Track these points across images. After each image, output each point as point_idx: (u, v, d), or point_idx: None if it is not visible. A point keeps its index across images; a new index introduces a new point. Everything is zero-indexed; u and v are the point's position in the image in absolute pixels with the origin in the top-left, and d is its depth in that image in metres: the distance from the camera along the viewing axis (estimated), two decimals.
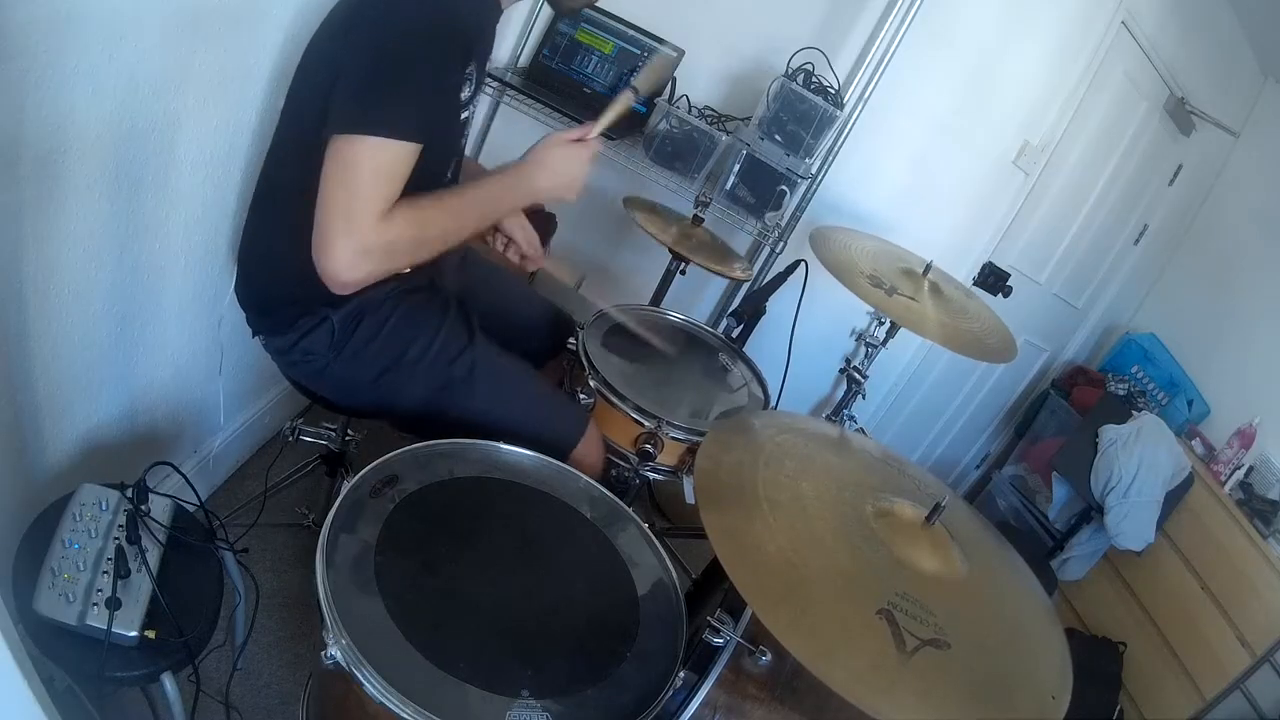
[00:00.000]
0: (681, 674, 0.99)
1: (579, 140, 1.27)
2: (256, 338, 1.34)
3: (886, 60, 2.02)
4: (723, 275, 2.08)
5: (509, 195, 1.27)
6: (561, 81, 2.20)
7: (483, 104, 2.31)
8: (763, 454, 1.12)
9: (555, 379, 1.69)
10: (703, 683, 0.98)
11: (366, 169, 1.03)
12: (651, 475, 1.53)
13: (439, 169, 1.25)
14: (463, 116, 1.24)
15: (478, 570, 1.05)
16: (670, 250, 1.95)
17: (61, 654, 0.93)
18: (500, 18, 1.27)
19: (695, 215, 1.98)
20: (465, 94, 1.19)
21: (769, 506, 1.01)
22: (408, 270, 1.21)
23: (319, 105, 1.07)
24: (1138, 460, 2.49)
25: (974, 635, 0.96)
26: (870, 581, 0.95)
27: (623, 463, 1.51)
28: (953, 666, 0.90)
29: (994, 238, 2.56)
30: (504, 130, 2.37)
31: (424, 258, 1.15)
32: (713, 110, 2.18)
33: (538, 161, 1.25)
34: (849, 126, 2.06)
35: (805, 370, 2.09)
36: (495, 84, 2.18)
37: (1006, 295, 2.48)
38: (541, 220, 2.10)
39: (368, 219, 1.03)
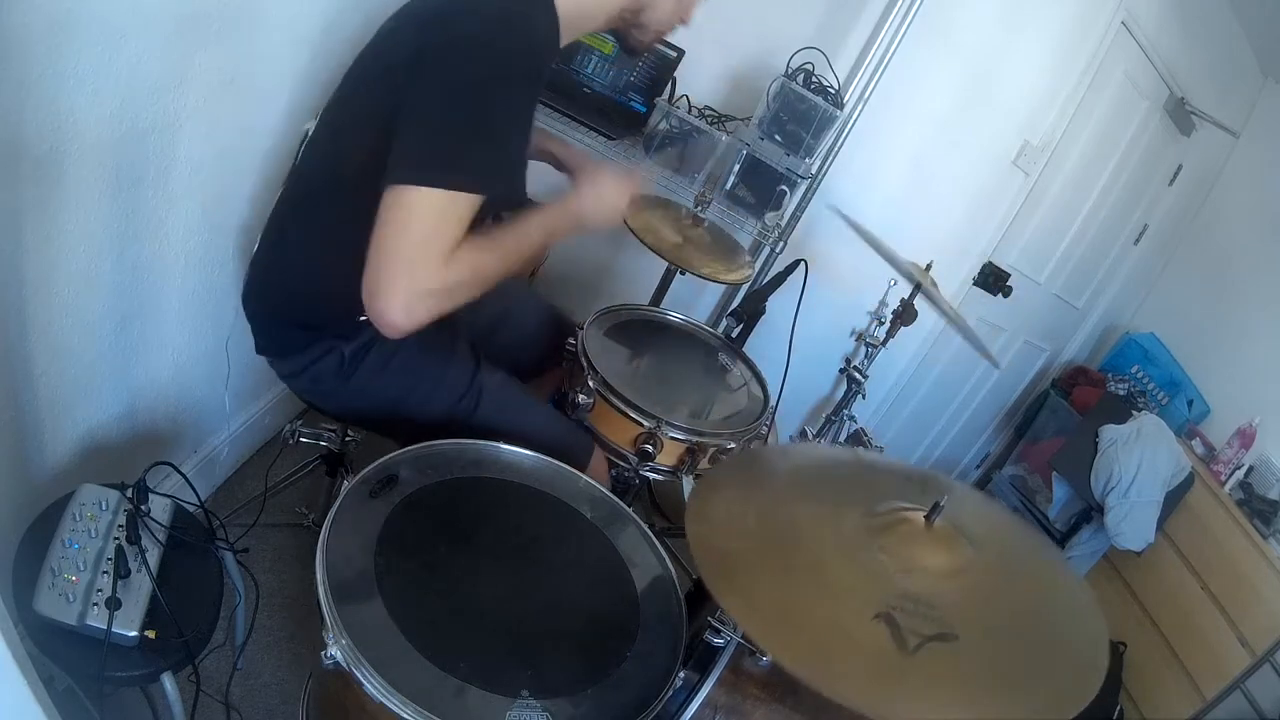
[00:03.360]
0: (682, 674, 0.99)
1: (626, 174, 1.30)
2: (262, 356, 1.33)
3: (886, 60, 2.02)
4: (719, 281, 2.07)
5: (560, 227, 1.25)
6: (561, 81, 2.19)
7: None
8: (758, 490, 1.12)
9: (556, 384, 1.69)
10: (703, 683, 0.98)
11: (433, 219, 1.00)
12: (651, 475, 1.53)
13: (506, 205, 1.22)
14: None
15: (478, 570, 1.05)
16: (667, 260, 1.94)
17: (61, 654, 0.94)
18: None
19: (695, 214, 1.98)
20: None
21: (767, 542, 1.00)
22: None
23: (373, 135, 1.03)
24: (1138, 460, 2.49)
25: (988, 623, 0.95)
26: (868, 591, 0.94)
27: (622, 463, 1.51)
28: (963, 657, 0.89)
29: (994, 238, 2.56)
30: None
31: (475, 298, 1.13)
32: (713, 110, 2.18)
33: (589, 193, 1.27)
34: (849, 126, 2.06)
35: (805, 370, 2.09)
36: None
37: (1006, 295, 2.49)
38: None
39: (431, 268, 1.01)
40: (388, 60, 1.10)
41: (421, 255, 1.00)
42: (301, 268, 1.22)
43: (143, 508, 1.06)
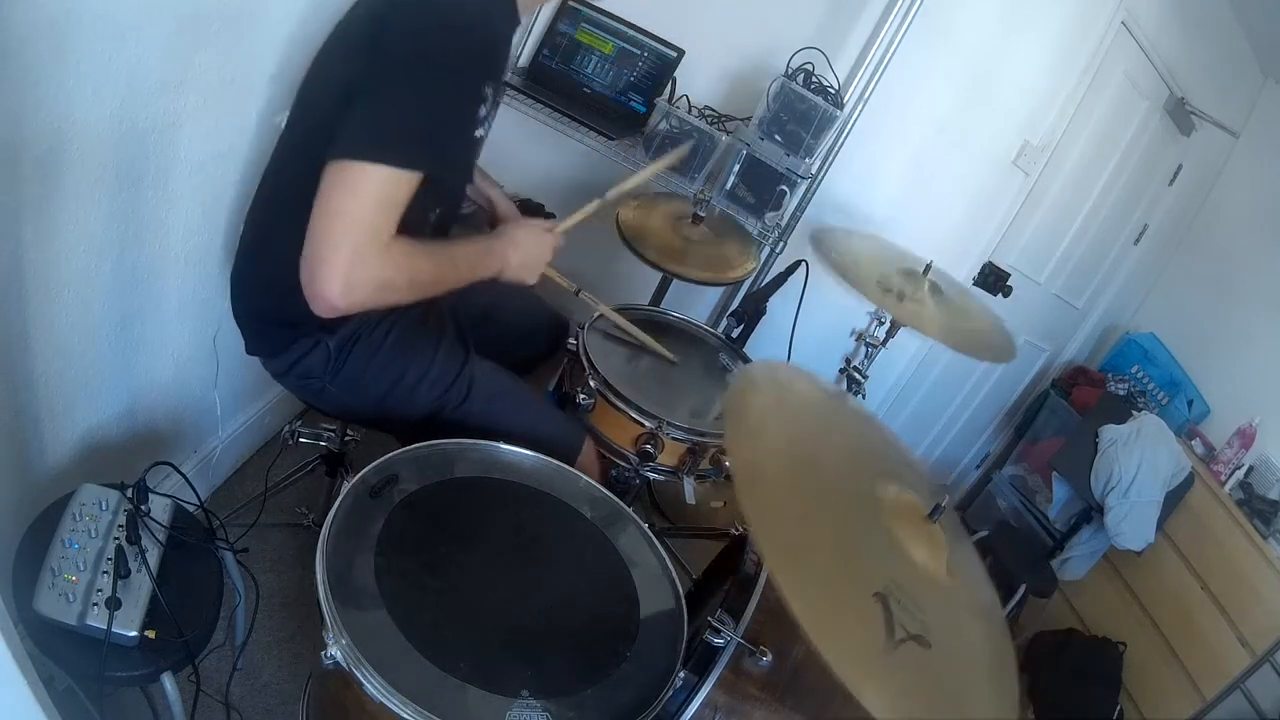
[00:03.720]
0: (681, 674, 0.99)
1: (547, 231, 1.34)
2: (253, 357, 1.33)
3: (886, 60, 2.02)
4: (715, 283, 2.07)
5: (486, 262, 1.28)
6: (561, 82, 2.20)
7: None
8: (789, 405, 1.12)
9: (553, 378, 1.69)
10: (703, 683, 0.98)
11: (373, 198, 1.01)
12: (651, 475, 1.53)
13: (453, 192, 1.24)
14: (478, 134, 1.21)
15: (478, 570, 1.05)
16: (663, 271, 1.94)
17: (61, 654, 0.94)
18: (518, 28, 1.27)
19: (694, 214, 1.98)
20: (483, 112, 1.17)
21: (793, 461, 1.01)
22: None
23: (330, 123, 1.04)
24: (1138, 460, 2.49)
25: (950, 642, 0.95)
26: (870, 562, 0.95)
27: (623, 463, 1.51)
28: (930, 668, 0.89)
29: (994, 238, 2.56)
30: (503, 130, 2.36)
31: (407, 300, 1.15)
32: (713, 110, 2.18)
33: (512, 239, 1.30)
34: (849, 126, 2.06)
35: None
36: None
37: (1006, 295, 2.48)
38: (540, 219, 2.10)
39: (369, 248, 1.02)
40: (342, 53, 1.12)
41: (363, 232, 1.01)
42: (279, 262, 1.21)
43: (143, 508, 1.06)
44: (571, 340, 1.59)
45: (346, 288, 1.02)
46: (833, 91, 2.03)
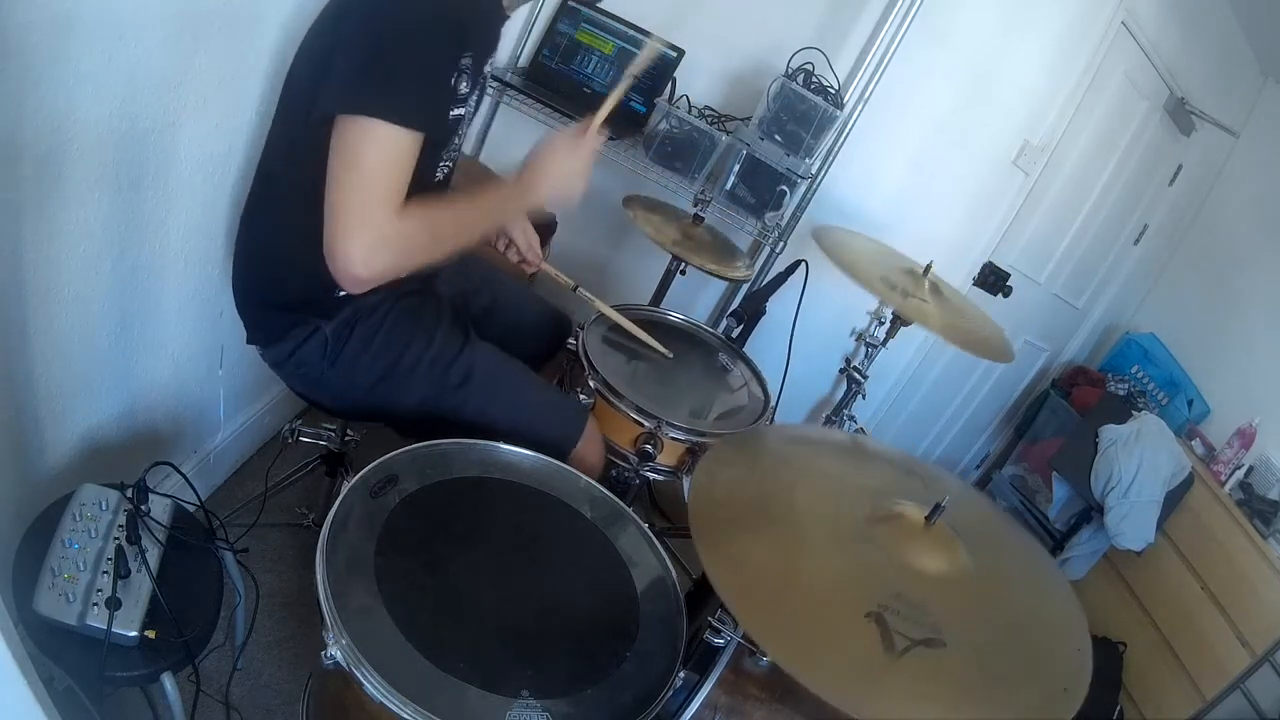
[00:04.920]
0: (681, 674, 0.99)
1: (578, 137, 1.24)
2: (252, 346, 1.34)
3: (886, 60, 2.02)
4: (721, 277, 2.08)
5: (513, 202, 1.25)
6: (561, 81, 2.20)
7: (483, 104, 2.31)
8: (760, 467, 1.12)
9: (553, 379, 1.69)
10: (703, 683, 0.98)
11: (376, 155, 1.00)
12: (651, 475, 1.53)
13: (429, 165, 1.22)
14: (459, 113, 1.20)
15: (478, 570, 1.05)
16: (669, 252, 1.94)
17: (61, 654, 0.93)
18: (504, 20, 1.26)
19: (695, 214, 1.98)
20: (463, 89, 1.16)
21: (762, 518, 1.01)
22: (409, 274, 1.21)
23: (305, 107, 1.05)
24: (1138, 460, 2.49)
25: (977, 633, 0.95)
26: (862, 585, 0.94)
27: (622, 463, 1.51)
28: (948, 665, 0.89)
29: (994, 238, 2.55)
30: (504, 130, 2.37)
31: (434, 259, 1.14)
32: (713, 110, 2.18)
33: (537, 166, 1.23)
34: (849, 126, 2.06)
35: (805, 370, 2.10)
36: (495, 84, 2.18)
37: (1006, 295, 2.48)
38: (542, 222, 2.10)
39: (383, 209, 1.02)
40: (318, 34, 1.13)
41: (370, 195, 1.01)
42: (273, 247, 1.23)
43: (143, 508, 1.06)
44: (571, 340, 1.59)
45: (367, 255, 1.02)
46: (833, 91, 2.03)
